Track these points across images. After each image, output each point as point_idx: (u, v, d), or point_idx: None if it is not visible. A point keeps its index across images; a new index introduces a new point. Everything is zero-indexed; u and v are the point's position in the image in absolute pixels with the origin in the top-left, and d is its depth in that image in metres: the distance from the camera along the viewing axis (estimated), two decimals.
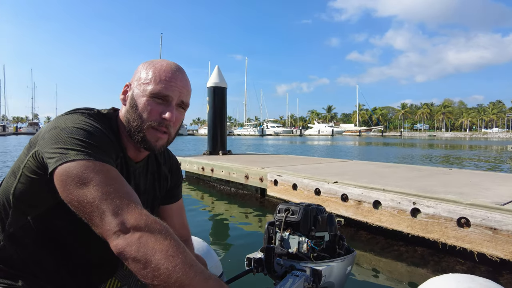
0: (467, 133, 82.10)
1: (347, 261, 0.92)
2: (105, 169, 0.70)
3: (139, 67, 0.87)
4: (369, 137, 58.38)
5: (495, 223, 2.21)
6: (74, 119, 0.76)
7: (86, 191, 0.66)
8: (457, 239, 2.39)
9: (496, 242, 2.20)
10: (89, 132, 0.74)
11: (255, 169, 4.77)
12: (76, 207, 0.67)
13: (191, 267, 0.63)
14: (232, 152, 8.06)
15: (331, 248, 0.94)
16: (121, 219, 0.65)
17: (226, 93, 7.96)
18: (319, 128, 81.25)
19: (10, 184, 0.79)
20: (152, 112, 0.82)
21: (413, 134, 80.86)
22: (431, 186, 3.17)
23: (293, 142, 32.02)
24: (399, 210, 2.77)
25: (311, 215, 0.92)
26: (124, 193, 0.68)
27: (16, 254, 0.81)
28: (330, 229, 0.94)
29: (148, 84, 0.82)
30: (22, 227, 0.80)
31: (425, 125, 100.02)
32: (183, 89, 0.85)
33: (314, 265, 0.84)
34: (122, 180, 0.72)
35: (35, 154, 0.75)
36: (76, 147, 0.70)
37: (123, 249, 0.63)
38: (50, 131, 0.74)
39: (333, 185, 3.46)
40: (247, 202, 4.76)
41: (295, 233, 0.92)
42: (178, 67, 0.87)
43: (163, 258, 0.61)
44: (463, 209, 2.39)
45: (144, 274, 0.61)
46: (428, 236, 2.56)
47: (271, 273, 0.89)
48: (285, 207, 0.96)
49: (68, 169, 0.67)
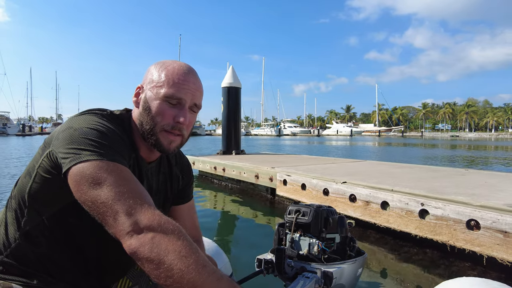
0: (492, 133, 79.12)
1: (358, 263, 0.91)
2: (118, 169, 0.70)
3: (150, 69, 0.87)
4: (389, 138, 57.19)
5: (506, 226, 2.12)
6: (88, 120, 0.77)
7: (99, 191, 0.67)
8: (466, 241, 2.31)
9: (507, 245, 2.11)
10: (102, 132, 0.74)
11: (265, 168, 4.76)
12: (89, 207, 0.68)
13: (203, 267, 0.63)
14: (245, 152, 8.08)
15: (342, 250, 0.93)
16: (134, 219, 0.65)
17: (240, 93, 7.99)
18: (338, 128, 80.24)
19: (26, 183, 0.81)
20: (165, 115, 0.82)
21: (434, 135, 78.64)
22: (443, 187, 3.07)
23: (310, 143, 31.77)
24: (407, 211, 2.70)
25: (322, 217, 0.92)
26: (137, 194, 0.69)
27: (31, 252, 0.82)
28: (341, 231, 0.93)
29: (161, 87, 0.82)
30: (37, 226, 0.81)
31: (447, 125, 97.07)
32: (196, 92, 0.85)
33: (325, 267, 0.83)
34: (135, 180, 0.72)
35: (50, 154, 0.75)
36: (90, 147, 0.70)
37: (136, 249, 0.63)
38: (64, 131, 0.75)
39: (342, 185, 3.41)
40: (258, 201, 4.76)
41: (305, 235, 0.91)
42: (190, 69, 0.86)
43: (176, 259, 0.61)
44: (472, 210, 2.30)
45: (157, 275, 0.62)
46: (436, 238, 2.48)
47: (282, 275, 0.88)
48: (295, 208, 0.95)
49: (81, 169, 0.68)
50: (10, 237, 0.82)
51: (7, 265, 0.82)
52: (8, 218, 0.84)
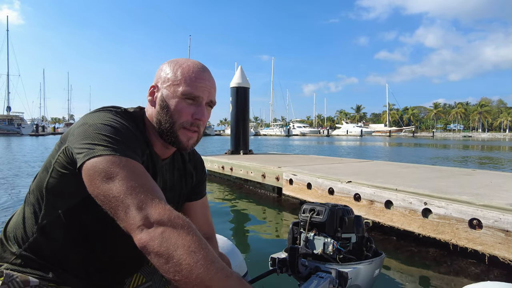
0: (506, 133, 77.51)
1: (374, 264, 0.88)
2: (131, 164, 0.71)
3: (163, 67, 0.88)
4: (400, 138, 56.57)
5: (508, 225, 2.14)
6: (102, 116, 0.79)
7: (112, 185, 0.68)
8: (469, 240, 2.33)
9: (508, 244, 2.13)
10: (116, 128, 0.76)
11: (272, 168, 4.81)
12: (102, 201, 0.69)
13: (212, 263, 0.63)
14: (253, 152, 8.14)
15: (358, 250, 0.91)
16: (145, 214, 0.66)
17: (248, 93, 8.05)
18: (348, 128, 79.67)
19: (43, 178, 0.83)
20: (184, 113, 0.84)
21: (446, 135, 77.41)
22: (447, 187, 3.08)
23: (319, 143, 31.66)
24: (410, 210, 2.73)
25: (337, 216, 0.90)
26: (149, 188, 0.69)
27: (47, 247, 0.84)
28: (357, 231, 0.91)
29: (178, 85, 0.83)
30: (53, 220, 0.83)
31: (459, 125, 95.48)
32: (211, 89, 0.87)
33: (340, 267, 0.82)
34: (147, 175, 0.73)
35: (65, 150, 0.77)
36: (103, 142, 0.72)
37: (146, 243, 0.64)
38: (79, 127, 0.77)
39: (347, 184, 3.45)
40: (265, 200, 4.81)
41: (320, 234, 0.89)
42: (204, 67, 0.88)
43: (185, 254, 0.62)
44: (475, 210, 2.32)
45: (166, 269, 0.62)
46: (439, 237, 2.51)
47: (295, 274, 0.87)
48: (310, 207, 0.94)
49: (95, 163, 0.69)
50: (28, 231, 0.85)
51: (25, 258, 0.84)
52: (26, 213, 0.86)
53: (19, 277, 0.81)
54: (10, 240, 0.87)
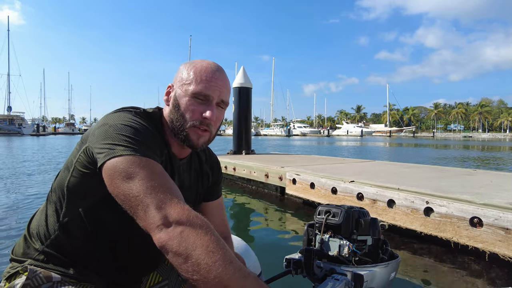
0: (507, 133, 77.52)
1: (390, 267, 0.88)
2: (150, 164, 0.72)
3: (180, 68, 0.90)
4: (400, 138, 56.64)
5: (507, 223, 2.20)
6: (122, 117, 0.80)
7: (131, 185, 0.69)
8: (470, 238, 2.39)
9: (508, 242, 2.19)
10: (136, 129, 0.77)
11: (275, 168, 4.88)
12: (122, 200, 0.70)
13: (230, 263, 0.63)
14: (255, 152, 8.20)
15: (374, 253, 0.90)
16: (164, 213, 0.66)
17: (251, 93, 8.10)
18: (348, 129, 79.73)
19: (64, 177, 0.84)
20: (194, 112, 0.85)
21: (446, 135, 77.46)
22: (449, 186, 3.15)
23: (320, 143, 31.72)
24: (412, 209, 2.79)
25: (353, 218, 0.89)
26: (168, 188, 0.70)
27: (68, 244, 0.86)
28: (373, 233, 0.91)
29: (190, 85, 0.85)
30: (74, 218, 0.84)
31: (459, 125, 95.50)
32: (223, 89, 0.87)
33: (355, 270, 0.81)
34: (166, 175, 0.74)
35: (86, 150, 0.79)
36: (124, 143, 0.73)
37: (165, 243, 0.64)
38: (100, 128, 0.78)
39: (349, 184, 3.51)
40: (268, 200, 4.87)
41: (335, 236, 0.89)
42: (218, 67, 0.89)
43: (203, 253, 0.62)
44: (475, 208, 2.38)
45: (184, 269, 0.63)
46: (440, 235, 2.57)
47: (310, 276, 0.87)
48: (325, 209, 0.93)
49: (115, 163, 0.70)
50: (50, 228, 0.87)
51: (48, 254, 0.87)
52: (49, 210, 0.88)
53: (42, 273, 0.84)
54: (33, 236, 0.90)
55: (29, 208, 4.28)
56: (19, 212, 4.11)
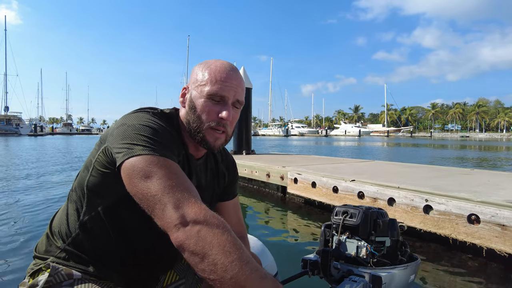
0: (504, 133, 77.95)
1: (410, 269, 0.86)
2: (168, 164, 0.73)
3: (194, 69, 0.90)
4: (398, 138, 56.86)
5: (504, 219, 2.29)
6: (140, 117, 0.82)
7: (149, 184, 0.70)
8: (467, 235, 2.48)
9: (504, 238, 2.28)
10: (154, 129, 0.78)
11: (276, 167, 4.96)
12: (140, 199, 0.71)
13: (247, 264, 0.63)
14: (255, 152, 8.28)
15: (393, 255, 0.89)
16: (182, 213, 0.67)
17: (251, 93, 8.17)
18: (346, 129, 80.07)
19: (84, 177, 0.86)
20: (210, 113, 0.86)
21: (444, 135, 77.83)
22: (447, 185, 3.24)
23: (318, 143, 31.83)
24: (412, 207, 2.88)
25: (371, 219, 0.88)
26: (185, 188, 0.71)
27: (88, 242, 0.88)
28: (392, 234, 0.89)
29: (205, 86, 0.85)
30: (93, 217, 0.86)
31: (457, 125, 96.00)
32: (238, 88, 0.87)
33: (373, 271, 0.80)
34: (183, 175, 0.75)
35: (105, 150, 0.80)
36: (142, 142, 0.74)
37: (183, 242, 0.65)
38: (118, 128, 0.80)
39: (350, 183, 3.59)
40: (270, 199, 4.95)
41: (353, 237, 0.88)
42: (232, 67, 0.89)
43: (220, 253, 0.62)
44: (473, 206, 2.47)
45: (201, 268, 0.63)
46: (439, 232, 2.66)
47: (327, 277, 0.87)
48: (343, 210, 0.92)
49: (134, 163, 0.72)
50: (71, 227, 0.89)
51: (69, 252, 0.89)
52: (69, 209, 0.91)
53: (63, 270, 0.86)
54: (55, 235, 0.93)
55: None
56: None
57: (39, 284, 0.83)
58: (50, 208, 4.29)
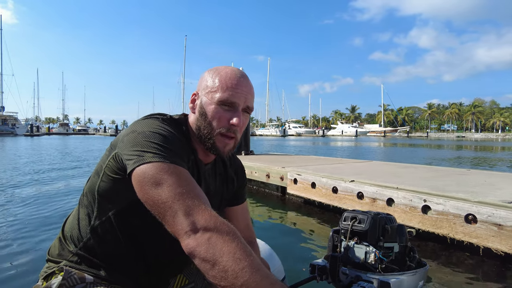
0: (499, 134, 78.58)
1: (418, 275, 0.86)
2: (178, 171, 0.74)
3: (204, 75, 0.91)
4: (394, 138, 57.12)
5: (500, 219, 2.36)
6: (150, 124, 0.82)
7: (160, 191, 0.70)
8: (465, 234, 2.55)
9: (501, 237, 2.35)
10: (164, 136, 0.79)
11: (276, 168, 5.01)
12: (151, 206, 0.72)
13: (257, 271, 0.64)
14: (254, 153, 8.33)
15: (401, 260, 0.89)
16: (192, 220, 0.67)
17: None
18: (343, 129, 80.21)
19: (95, 182, 0.87)
20: (221, 119, 0.86)
21: (440, 135, 78.28)
22: (445, 185, 3.30)
23: (315, 143, 31.94)
24: (410, 207, 2.94)
25: (380, 225, 0.88)
26: (195, 195, 0.72)
27: (99, 247, 0.89)
28: (400, 240, 0.89)
29: (216, 92, 0.86)
30: (104, 222, 0.88)
31: (453, 125, 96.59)
32: (248, 95, 0.88)
33: (382, 277, 0.80)
34: (194, 182, 0.76)
35: (115, 156, 0.81)
36: (152, 150, 0.75)
37: (193, 249, 0.66)
38: (128, 135, 0.81)
39: (350, 183, 3.65)
40: (269, 200, 5.00)
41: (361, 243, 0.88)
42: (242, 73, 0.90)
43: (230, 260, 0.63)
44: (470, 206, 2.54)
45: (212, 275, 0.64)
46: (437, 231, 2.72)
47: (336, 282, 0.87)
48: (351, 215, 0.92)
49: (144, 170, 0.72)
50: (83, 231, 0.91)
51: (81, 257, 0.91)
52: (81, 214, 0.92)
53: (76, 274, 0.88)
54: (67, 239, 0.94)
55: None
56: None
57: (53, 287, 0.85)
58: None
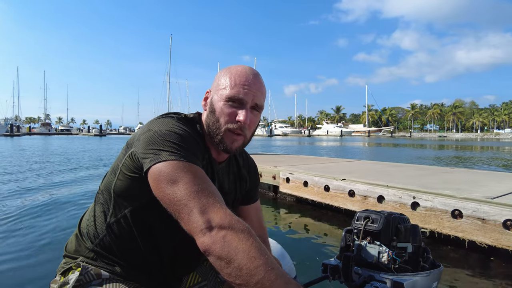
0: (478, 133, 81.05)
1: (432, 276, 0.84)
2: (193, 169, 0.75)
3: (217, 75, 0.92)
4: (379, 138, 58.14)
5: (484, 214, 2.52)
6: (166, 123, 0.83)
7: (176, 189, 0.71)
8: (451, 228, 2.70)
9: (484, 231, 2.51)
10: (179, 134, 0.80)
11: (268, 167, 5.10)
12: (166, 204, 0.73)
13: (272, 269, 0.63)
14: None
15: (415, 261, 0.88)
16: (207, 218, 0.68)
17: None
18: (328, 129, 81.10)
19: (111, 180, 0.89)
20: (228, 115, 0.87)
21: (423, 135, 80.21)
22: (432, 183, 3.47)
23: (301, 143, 32.24)
24: (400, 203, 3.09)
25: (393, 225, 0.87)
26: (210, 193, 0.72)
27: (114, 243, 0.90)
28: (414, 240, 0.88)
29: (225, 89, 0.87)
30: (120, 220, 0.89)
31: (435, 125, 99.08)
32: (257, 92, 0.88)
33: (395, 277, 0.79)
34: (208, 180, 0.76)
35: (132, 155, 0.82)
36: (168, 148, 0.76)
37: (209, 247, 0.66)
38: (145, 133, 0.82)
39: (341, 182, 3.78)
40: (262, 199, 5.08)
41: (374, 242, 0.87)
42: (253, 71, 0.90)
43: (245, 258, 0.63)
44: (456, 202, 2.70)
45: (227, 273, 0.64)
46: (426, 226, 2.87)
47: (348, 282, 0.86)
48: (364, 215, 0.91)
49: (160, 168, 0.74)
50: (98, 228, 0.92)
51: (97, 253, 0.92)
52: (97, 211, 0.94)
53: (93, 270, 0.90)
54: (84, 236, 0.96)
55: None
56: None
57: (70, 283, 0.87)
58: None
